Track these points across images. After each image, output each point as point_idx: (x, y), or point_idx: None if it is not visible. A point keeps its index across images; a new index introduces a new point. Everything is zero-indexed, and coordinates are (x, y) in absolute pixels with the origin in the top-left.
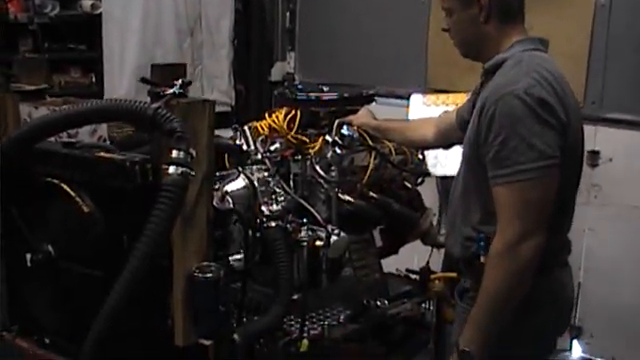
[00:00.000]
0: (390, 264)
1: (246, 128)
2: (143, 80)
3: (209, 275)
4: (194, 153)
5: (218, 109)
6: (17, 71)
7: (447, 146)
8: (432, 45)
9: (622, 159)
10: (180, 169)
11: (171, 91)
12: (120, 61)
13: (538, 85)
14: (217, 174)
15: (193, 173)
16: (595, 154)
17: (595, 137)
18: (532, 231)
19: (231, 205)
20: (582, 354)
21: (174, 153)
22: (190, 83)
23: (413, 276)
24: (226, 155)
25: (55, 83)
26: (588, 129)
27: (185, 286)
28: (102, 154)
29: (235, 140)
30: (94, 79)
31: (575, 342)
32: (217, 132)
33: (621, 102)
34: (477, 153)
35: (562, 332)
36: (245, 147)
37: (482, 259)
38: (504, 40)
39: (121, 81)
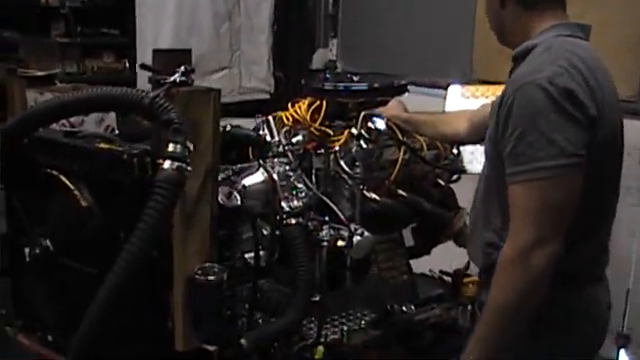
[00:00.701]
0: (424, 265)
1: (270, 118)
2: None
3: (211, 277)
4: (191, 147)
5: (256, 97)
6: (25, 56)
7: (481, 141)
8: (478, 32)
9: None
10: (175, 164)
11: (172, 79)
12: (154, 47)
13: (565, 74)
14: (235, 167)
15: (189, 168)
16: None
17: None
18: (547, 238)
19: (239, 201)
20: None
21: (170, 146)
22: (193, 70)
23: (447, 278)
24: (250, 147)
25: (88, 68)
26: None
27: (186, 288)
28: (101, 145)
29: (259, 131)
30: (127, 65)
31: (622, 352)
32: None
33: None
34: (497, 149)
35: (593, 354)
36: (269, 138)
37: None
38: (534, 25)
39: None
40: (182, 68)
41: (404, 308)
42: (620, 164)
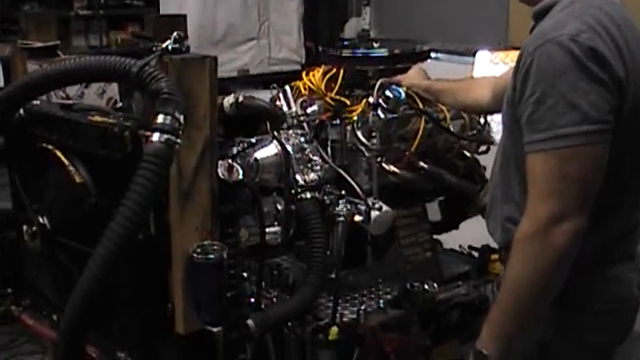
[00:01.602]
0: (453, 240)
1: (287, 88)
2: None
3: (211, 256)
4: (182, 118)
5: (287, 68)
6: (24, 27)
7: None
8: None
9: None
10: (164, 136)
11: (164, 46)
12: None
13: (590, 31)
14: (250, 140)
15: (179, 141)
16: None
17: None
18: (570, 213)
19: (240, 175)
20: None
21: (159, 118)
22: (186, 37)
23: (476, 254)
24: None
25: (112, 41)
26: None
27: (185, 268)
28: (94, 118)
29: (275, 101)
30: None
31: None
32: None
33: None
34: (515, 115)
35: (622, 340)
36: (285, 109)
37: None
38: None
39: None
40: (175, 34)
41: (426, 286)
42: None
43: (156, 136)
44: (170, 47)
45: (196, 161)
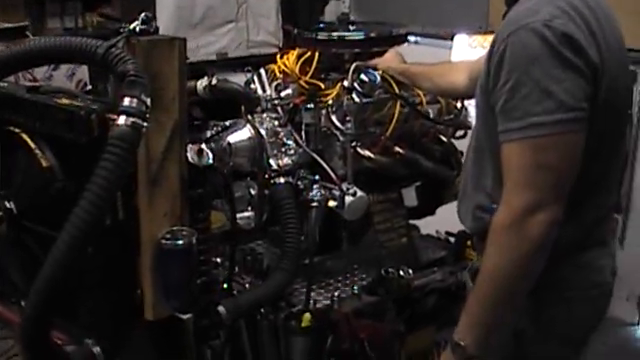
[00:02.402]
0: (432, 225)
1: (262, 71)
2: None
3: (180, 242)
4: (148, 101)
5: (265, 51)
6: None
7: None
8: None
9: None
10: (130, 119)
11: (131, 27)
12: (157, 2)
13: (564, 16)
14: (223, 123)
15: (146, 124)
16: None
17: None
18: (545, 202)
19: (210, 159)
20: None
21: (125, 100)
22: (154, 18)
23: (453, 239)
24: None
25: (88, 23)
26: None
27: (153, 254)
28: (60, 101)
29: (250, 84)
30: None
31: None
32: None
33: None
34: (488, 103)
35: (596, 326)
36: (260, 92)
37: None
38: None
39: (159, 23)
40: (143, 15)
41: (401, 272)
42: (626, 120)
43: (122, 119)
44: (138, 28)
45: (165, 145)
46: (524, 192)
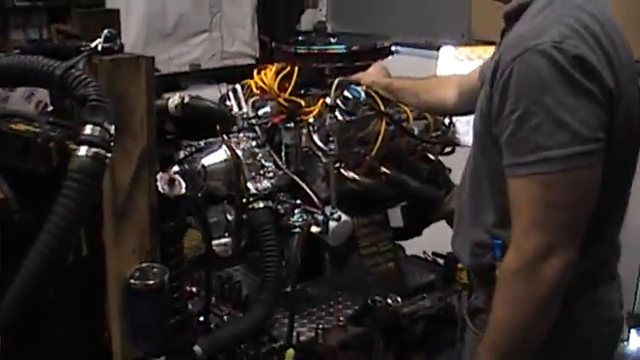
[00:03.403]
0: (417, 245)
1: (238, 87)
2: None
3: (150, 281)
4: (112, 129)
5: (240, 62)
6: None
7: (470, 113)
8: None
9: None
10: (92, 150)
11: (93, 45)
12: (126, 9)
13: (575, 36)
14: (198, 144)
15: (110, 154)
16: None
17: None
18: (558, 245)
19: (183, 189)
20: None
21: (87, 128)
22: (119, 35)
23: (441, 261)
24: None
25: (53, 34)
26: None
27: (122, 294)
28: (16, 127)
29: (225, 101)
30: None
31: (633, 332)
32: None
33: None
34: (490, 131)
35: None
36: (236, 110)
37: (498, 273)
38: None
39: (127, 33)
40: (106, 32)
41: (389, 300)
42: (638, 146)
43: (83, 150)
44: (100, 46)
45: (132, 175)
46: (535, 234)
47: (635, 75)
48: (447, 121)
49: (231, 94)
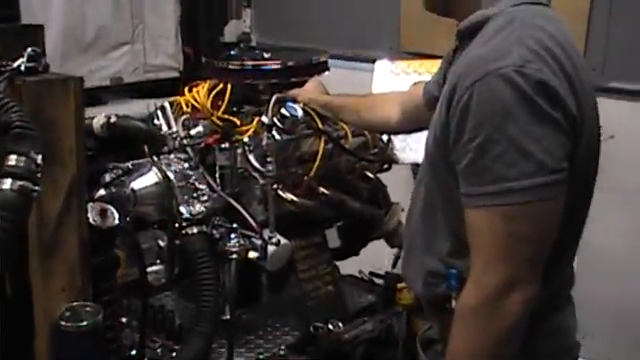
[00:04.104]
0: (353, 264)
1: (167, 105)
2: None
3: (83, 322)
4: (39, 159)
5: (164, 75)
6: None
7: (414, 131)
8: None
9: (626, 135)
10: (17, 183)
11: (15, 65)
12: (43, 20)
13: (537, 60)
14: (125, 165)
15: (37, 188)
16: None
17: None
18: (522, 279)
19: (116, 220)
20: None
21: (11, 159)
22: (43, 54)
23: (378, 281)
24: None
25: None
26: None
27: (52, 337)
28: None
29: (153, 120)
30: None
31: None
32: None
33: (627, 69)
34: (445, 156)
35: None
36: (165, 129)
37: (454, 304)
38: None
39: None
40: (29, 50)
41: (330, 326)
42: (596, 166)
43: (7, 183)
44: (23, 66)
45: (60, 207)
46: (496, 268)
47: (595, 101)
48: (385, 138)
49: (159, 112)
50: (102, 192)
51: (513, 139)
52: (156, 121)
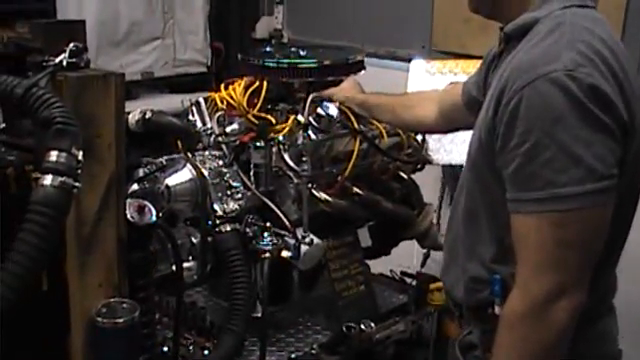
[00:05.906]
0: (381, 262)
1: (201, 100)
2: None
3: (120, 319)
4: (80, 155)
5: (192, 70)
6: None
7: (451, 131)
8: None
9: None
10: (58, 179)
11: (57, 60)
12: (77, 15)
13: (588, 64)
14: (159, 161)
15: (78, 184)
16: None
17: None
18: (570, 286)
19: (154, 217)
20: None
21: (52, 155)
22: (86, 49)
23: (409, 280)
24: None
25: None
26: None
27: (87, 333)
28: None
29: (188, 116)
30: None
31: None
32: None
33: None
34: (490, 160)
35: None
36: (199, 125)
37: (497, 309)
38: None
39: None
40: (72, 45)
41: (362, 326)
42: None
43: (48, 179)
44: (65, 62)
45: (99, 203)
46: (544, 275)
47: None
48: (419, 137)
49: (194, 108)
50: (135, 187)
51: (563, 144)
52: (190, 117)
